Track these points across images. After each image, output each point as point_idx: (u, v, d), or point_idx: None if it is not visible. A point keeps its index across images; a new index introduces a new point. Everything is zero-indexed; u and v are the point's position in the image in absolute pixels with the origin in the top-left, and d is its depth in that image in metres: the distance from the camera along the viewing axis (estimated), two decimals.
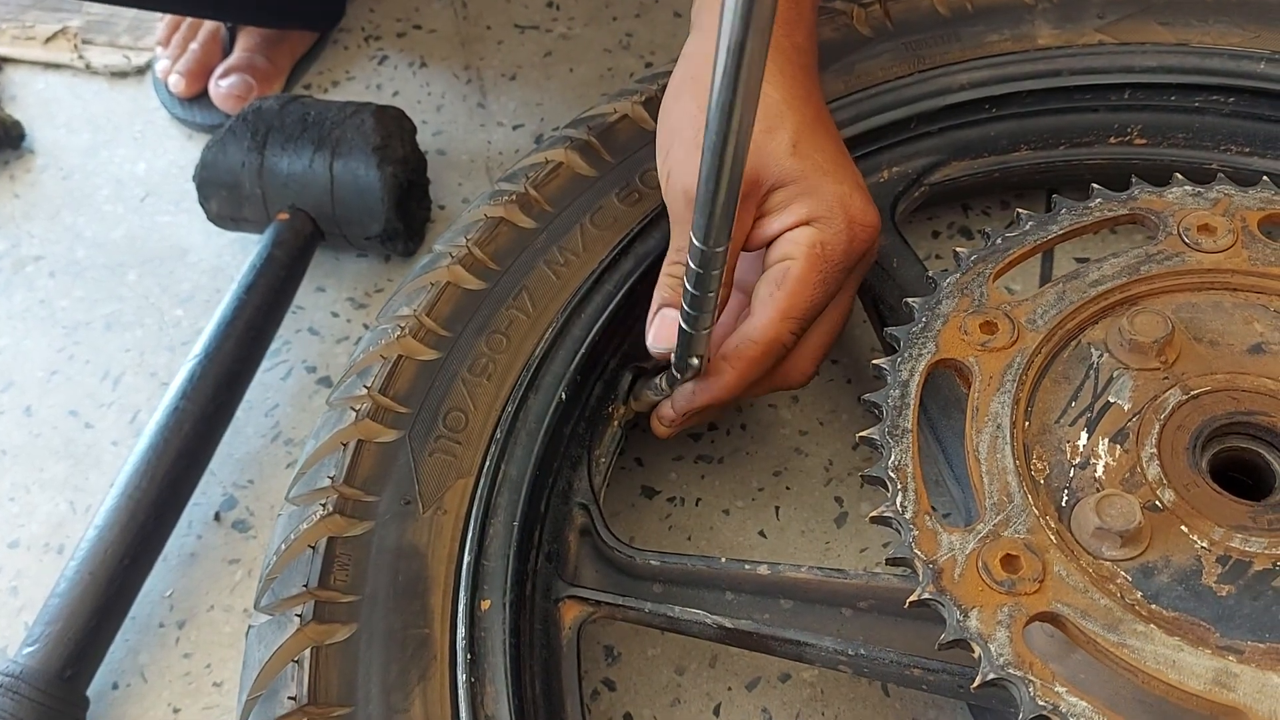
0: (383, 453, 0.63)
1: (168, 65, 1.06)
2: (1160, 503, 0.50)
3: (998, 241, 0.60)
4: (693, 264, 0.52)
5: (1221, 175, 0.61)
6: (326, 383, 0.87)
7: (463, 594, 0.58)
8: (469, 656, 0.56)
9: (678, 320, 0.58)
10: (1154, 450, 0.51)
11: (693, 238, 0.50)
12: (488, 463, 0.63)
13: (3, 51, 1.13)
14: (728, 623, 0.59)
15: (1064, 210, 0.61)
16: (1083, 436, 0.52)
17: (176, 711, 0.72)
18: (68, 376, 0.89)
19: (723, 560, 0.61)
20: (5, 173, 1.04)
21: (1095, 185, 0.62)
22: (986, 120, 0.80)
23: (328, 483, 0.62)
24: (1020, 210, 0.62)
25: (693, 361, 0.61)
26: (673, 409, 0.67)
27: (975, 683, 0.45)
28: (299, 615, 0.57)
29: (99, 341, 0.91)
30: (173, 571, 0.78)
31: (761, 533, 0.76)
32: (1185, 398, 0.53)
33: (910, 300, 0.58)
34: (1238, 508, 0.49)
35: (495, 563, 0.60)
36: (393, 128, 0.88)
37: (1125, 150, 0.81)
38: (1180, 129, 0.79)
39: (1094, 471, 0.51)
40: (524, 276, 0.70)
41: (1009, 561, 0.47)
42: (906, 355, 0.56)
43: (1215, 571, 0.47)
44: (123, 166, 1.04)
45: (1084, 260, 0.61)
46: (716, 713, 0.69)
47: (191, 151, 1.04)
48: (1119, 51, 0.79)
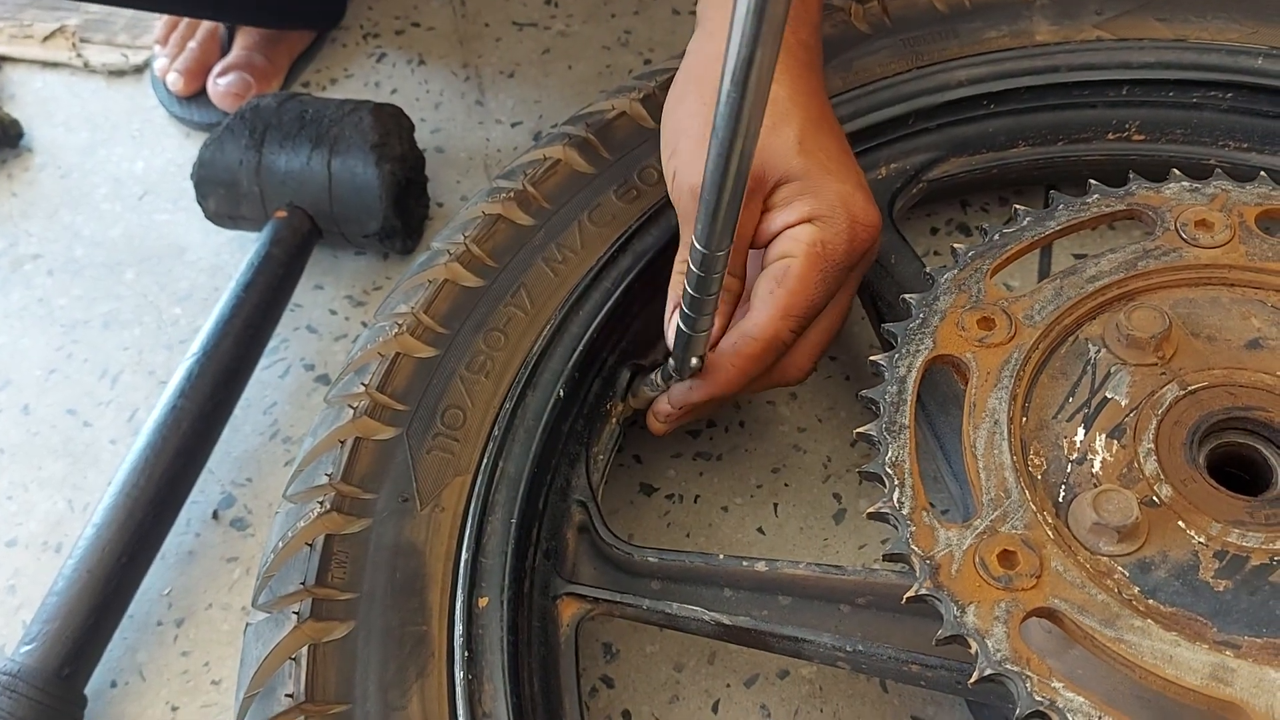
0: (380, 450, 0.63)
1: (166, 63, 1.06)
2: (1157, 498, 0.50)
3: (995, 237, 0.60)
4: (694, 267, 0.52)
5: (1219, 170, 0.62)
6: (324, 380, 0.87)
7: (460, 591, 0.58)
8: (467, 654, 0.56)
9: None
10: (1151, 445, 0.51)
11: (694, 241, 0.50)
12: (485, 460, 0.63)
13: (1, 50, 1.13)
14: (726, 619, 0.59)
15: (1061, 206, 0.61)
16: (1080, 432, 0.52)
17: (175, 709, 0.72)
18: (66, 375, 0.89)
19: (721, 557, 0.61)
20: (3, 171, 1.04)
21: (1093, 181, 0.62)
22: (985, 116, 0.80)
23: (325, 480, 0.62)
24: (1018, 206, 0.62)
25: (692, 362, 0.61)
26: (669, 405, 0.67)
27: (973, 678, 0.45)
28: (296, 613, 0.57)
29: (97, 340, 0.91)
30: (171, 569, 0.78)
31: (760, 529, 0.76)
32: (1182, 393, 0.53)
33: (908, 296, 0.58)
34: (1235, 503, 0.49)
35: (493, 560, 0.60)
36: (391, 125, 0.88)
37: (1123, 146, 0.81)
38: (1178, 125, 0.80)
39: (1091, 467, 0.51)
40: (522, 274, 0.70)
41: (1006, 557, 0.47)
42: (904, 351, 0.56)
43: (1212, 566, 0.47)
44: (121, 165, 1.04)
45: (1082, 256, 0.61)
46: (715, 710, 0.69)
47: (189, 150, 1.04)
48: (1117, 47, 0.79)
